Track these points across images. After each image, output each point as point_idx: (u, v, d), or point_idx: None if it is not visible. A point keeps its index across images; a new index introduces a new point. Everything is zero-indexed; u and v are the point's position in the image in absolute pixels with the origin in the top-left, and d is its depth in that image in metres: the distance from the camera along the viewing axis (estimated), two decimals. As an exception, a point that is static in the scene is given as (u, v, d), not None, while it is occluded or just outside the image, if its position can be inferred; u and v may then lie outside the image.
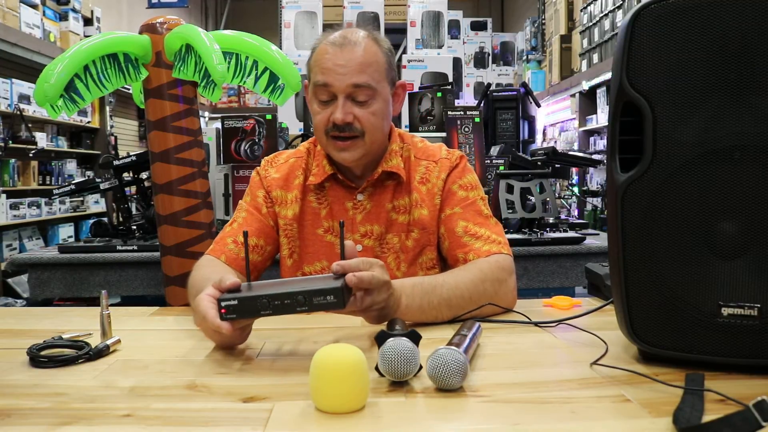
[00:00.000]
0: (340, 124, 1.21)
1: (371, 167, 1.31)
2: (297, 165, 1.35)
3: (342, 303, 0.83)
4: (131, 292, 2.25)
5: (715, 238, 0.77)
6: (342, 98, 1.21)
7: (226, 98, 9.13)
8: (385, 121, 1.28)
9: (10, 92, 5.36)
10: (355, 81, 1.20)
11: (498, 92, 3.17)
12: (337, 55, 1.21)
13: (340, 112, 1.20)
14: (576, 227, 2.50)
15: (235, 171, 2.50)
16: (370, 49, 1.23)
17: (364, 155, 1.26)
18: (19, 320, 1.17)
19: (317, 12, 3.88)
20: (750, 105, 0.75)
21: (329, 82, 1.21)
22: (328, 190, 1.32)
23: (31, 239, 5.82)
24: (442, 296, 1.08)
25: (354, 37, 1.23)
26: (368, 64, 1.22)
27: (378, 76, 1.24)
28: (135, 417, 0.69)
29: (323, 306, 0.83)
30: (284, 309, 0.84)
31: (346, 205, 1.31)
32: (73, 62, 1.75)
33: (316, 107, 1.25)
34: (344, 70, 1.20)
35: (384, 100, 1.26)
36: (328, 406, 0.69)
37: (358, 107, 1.22)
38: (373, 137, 1.25)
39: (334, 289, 0.83)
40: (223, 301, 0.85)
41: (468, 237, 1.25)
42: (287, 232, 1.32)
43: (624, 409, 0.70)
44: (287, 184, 1.33)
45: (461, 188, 1.31)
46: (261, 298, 0.84)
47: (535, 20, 8.53)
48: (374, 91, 1.23)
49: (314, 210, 1.32)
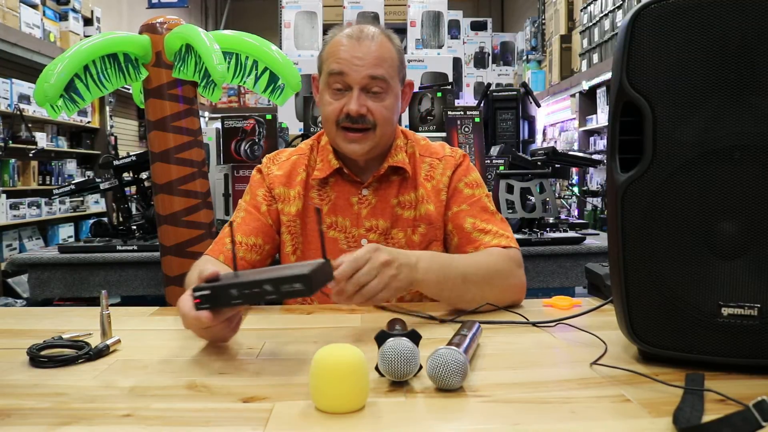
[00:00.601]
0: (354, 115, 1.23)
1: (377, 162, 1.32)
2: (299, 162, 1.35)
3: (309, 290, 0.82)
4: (131, 292, 2.25)
5: (715, 238, 0.77)
6: (357, 90, 1.23)
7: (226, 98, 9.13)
8: (395, 116, 1.30)
9: (10, 92, 5.36)
10: (372, 73, 1.22)
11: (498, 92, 3.17)
12: (355, 47, 1.23)
13: (354, 103, 1.22)
14: (576, 227, 2.50)
15: (235, 171, 2.49)
16: (385, 45, 1.26)
17: (372, 148, 1.27)
18: (19, 320, 1.17)
19: (317, 12, 3.87)
20: (750, 105, 0.75)
21: (345, 71, 1.22)
22: (332, 185, 1.33)
23: (31, 239, 5.82)
24: (458, 269, 1.11)
25: (370, 31, 1.26)
26: (384, 58, 1.24)
27: (392, 72, 1.26)
28: (135, 417, 0.69)
29: (292, 293, 0.82)
30: (254, 298, 0.84)
31: (351, 199, 1.32)
32: (73, 62, 1.75)
33: (328, 98, 1.26)
34: (361, 63, 1.22)
35: (395, 95, 1.28)
36: (328, 406, 0.69)
37: (371, 100, 1.24)
38: (384, 130, 1.27)
39: (301, 276, 0.81)
40: (197, 291, 0.86)
41: (477, 233, 1.27)
42: (290, 229, 1.32)
43: (624, 409, 0.70)
44: (290, 181, 1.33)
45: (467, 186, 1.33)
46: (231, 287, 0.84)
47: (535, 20, 8.53)
48: (388, 84, 1.25)
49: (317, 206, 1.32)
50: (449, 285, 1.10)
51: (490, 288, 1.13)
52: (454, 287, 1.10)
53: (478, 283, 1.12)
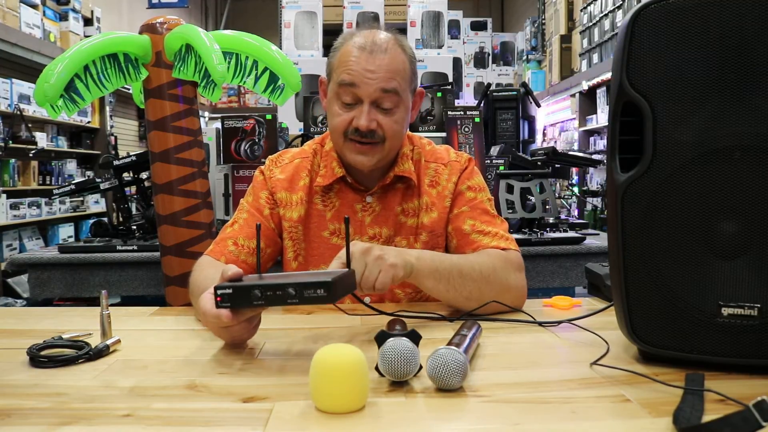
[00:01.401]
0: (364, 130, 1.20)
1: (383, 171, 1.31)
2: (302, 166, 1.33)
3: (332, 297, 0.83)
4: (131, 292, 2.25)
5: (715, 238, 0.77)
6: (367, 104, 1.20)
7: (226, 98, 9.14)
8: (404, 129, 1.28)
9: (10, 92, 5.36)
10: (384, 86, 1.19)
11: (498, 92, 3.17)
12: (367, 60, 1.19)
13: (364, 119, 1.19)
14: (576, 227, 2.50)
15: (235, 171, 2.49)
16: (398, 57, 1.22)
17: (380, 160, 1.26)
18: (19, 320, 1.17)
19: (317, 12, 3.87)
20: (750, 105, 0.75)
21: (357, 83, 1.19)
22: (336, 192, 1.31)
23: (31, 239, 5.82)
24: (452, 261, 1.10)
25: (382, 42, 1.21)
26: (396, 71, 1.21)
27: (404, 84, 1.23)
28: (135, 417, 0.69)
29: (314, 299, 0.83)
30: (276, 300, 0.84)
31: (355, 207, 1.30)
32: (73, 62, 1.75)
33: (337, 108, 1.23)
34: (373, 76, 1.19)
35: (406, 108, 1.26)
36: (328, 406, 0.69)
37: (382, 114, 1.21)
38: (393, 144, 1.25)
39: (324, 283, 0.83)
40: (219, 290, 0.86)
41: (476, 234, 1.26)
42: (292, 235, 1.31)
43: (624, 409, 0.70)
44: (292, 186, 1.32)
45: (470, 189, 1.33)
46: (254, 288, 0.84)
47: (535, 20, 8.53)
48: (399, 98, 1.22)
49: (320, 212, 1.31)
50: (445, 275, 1.09)
51: (488, 286, 1.12)
52: (451, 278, 1.09)
53: (475, 280, 1.11)
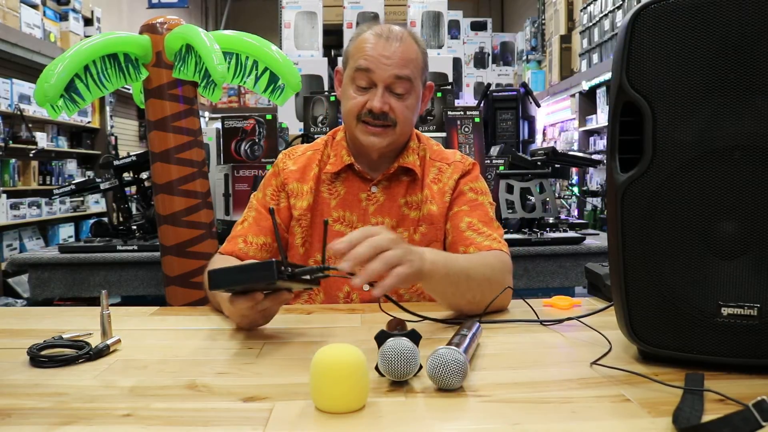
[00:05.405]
0: (377, 112, 1.25)
1: (389, 160, 1.35)
2: (314, 157, 1.38)
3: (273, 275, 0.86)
4: (131, 292, 2.25)
5: (715, 238, 0.77)
6: (381, 87, 1.26)
7: (226, 98, 9.14)
8: (414, 117, 1.33)
9: (11, 92, 5.36)
10: (398, 72, 1.25)
11: (498, 92, 3.17)
12: (384, 46, 1.25)
13: (378, 100, 1.25)
14: (576, 227, 2.51)
15: (235, 171, 2.50)
16: (412, 46, 1.29)
17: (390, 144, 1.30)
18: (19, 320, 1.17)
19: (317, 12, 3.87)
20: (750, 105, 0.75)
21: (372, 68, 1.25)
22: (342, 180, 1.35)
23: (32, 239, 5.82)
24: (461, 265, 1.11)
25: (397, 31, 1.29)
26: (410, 59, 1.27)
27: (416, 72, 1.29)
28: (135, 417, 0.69)
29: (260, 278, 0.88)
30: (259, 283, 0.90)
31: (360, 195, 1.34)
32: (73, 62, 1.75)
33: (352, 92, 1.28)
34: (389, 62, 1.25)
35: (417, 96, 1.31)
36: (328, 406, 0.69)
37: (394, 99, 1.27)
38: (404, 129, 1.30)
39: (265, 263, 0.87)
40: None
41: (470, 231, 1.28)
42: (301, 222, 1.34)
43: (624, 409, 0.70)
44: (303, 176, 1.36)
45: (471, 191, 1.35)
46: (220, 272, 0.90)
47: (535, 20, 8.53)
48: (412, 85, 1.28)
49: (325, 200, 1.35)
50: (454, 279, 1.08)
51: (490, 288, 1.12)
52: (459, 282, 1.08)
53: (480, 282, 1.11)
